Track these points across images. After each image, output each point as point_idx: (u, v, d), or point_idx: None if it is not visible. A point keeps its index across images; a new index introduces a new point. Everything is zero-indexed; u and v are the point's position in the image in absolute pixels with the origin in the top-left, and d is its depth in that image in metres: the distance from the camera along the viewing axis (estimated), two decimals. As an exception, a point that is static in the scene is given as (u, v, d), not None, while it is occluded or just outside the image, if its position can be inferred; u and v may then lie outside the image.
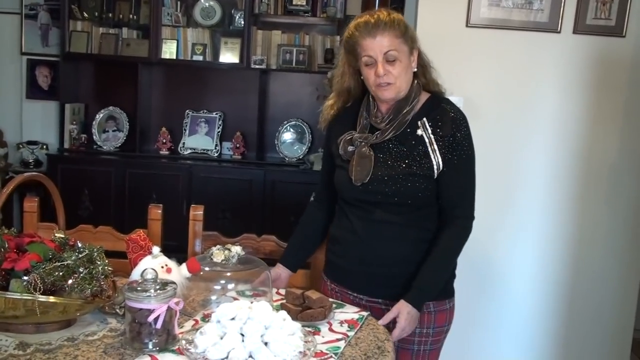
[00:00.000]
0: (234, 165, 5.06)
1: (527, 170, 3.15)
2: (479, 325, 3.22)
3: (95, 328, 1.69)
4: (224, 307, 1.63)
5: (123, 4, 5.16)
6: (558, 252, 3.20)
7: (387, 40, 1.88)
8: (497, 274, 3.22)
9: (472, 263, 3.14)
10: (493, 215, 3.15)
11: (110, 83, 5.26)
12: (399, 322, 1.87)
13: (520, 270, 3.21)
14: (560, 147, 3.14)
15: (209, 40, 5.05)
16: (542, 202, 3.17)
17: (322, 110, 2.14)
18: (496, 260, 3.21)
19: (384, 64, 1.89)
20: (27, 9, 5.28)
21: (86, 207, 4.91)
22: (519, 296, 3.22)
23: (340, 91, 2.09)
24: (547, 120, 3.13)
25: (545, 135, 3.14)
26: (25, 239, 1.71)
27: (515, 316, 3.23)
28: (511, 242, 3.19)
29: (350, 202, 2.02)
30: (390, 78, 1.90)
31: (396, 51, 1.89)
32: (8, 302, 1.56)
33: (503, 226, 3.18)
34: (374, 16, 1.91)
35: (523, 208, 3.18)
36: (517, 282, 3.21)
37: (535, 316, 3.23)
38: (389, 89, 1.92)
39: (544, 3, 3.04)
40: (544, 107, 3.12)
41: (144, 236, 1.84)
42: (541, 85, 3.11)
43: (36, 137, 5.32)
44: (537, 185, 3.16)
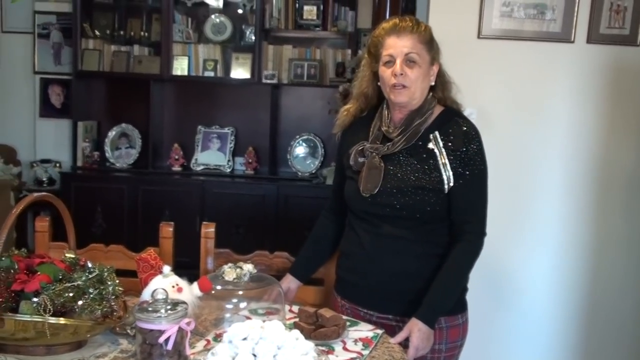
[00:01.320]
0: (246, 181, 5.05)
1: (542, 180, 3.12)
2: (495, 338, 3.18)
3: (106, 349, 1.67)
4: (235, 327, 1.60)
5: (134, 21, 5.18)
6: (575, 262, 3.16)
7: (410, 42, 1.89)
8: (514, 286, 3.18)
9: (488, 275, 3.11)
10: (508, 226, 3.11)
11: (123, 100, 5.28)
12: (412, 341, 1.84)
13: (537, 282, 3.17)
14: (575, 157, 3.11)
15: (220, 56, 5.06)
16: (558, 213, 3.13)
17: (339, 113, 2.13)
18: (512, 272, 3.17)
19: (402, 63, 1.89)
20: (39, 28, 5.33)
21: (99, 224, 4.91)
22: (537, 308, 3.18)
23: (358, 95, 2.08)
24: (561, 130, 3.10)
25: (560, 145, 3.11)
26: (35, 259, 1.70)
27: (533, 328, 3.19)
28: (527, 253, 3.16)
29: (359, 214, 2.00)
30: (406, 80, 1.89)
31: (417, 55, 1.89)
32: (18, 324, 1.54)
33: (519, 237, 3.15)
34: (403, 20, 1.93)
35: (539, 219, 3.15)
36: (534, 294, 3.17)
37: (553, 328, 3.19)
38: (403, 92, 1.91)
39: (556, 13, 3.02)
40: (558, 118, 3.09)
41: (155, 255, 1.82)
42: (555, 96, 3.08)
43: (49, 155, 5.34)
44: (552, 195, 3.13)
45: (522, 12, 3.02)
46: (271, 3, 4.96)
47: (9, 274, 1.62)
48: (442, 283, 1.89)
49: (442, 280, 1.89)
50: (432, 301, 1.88)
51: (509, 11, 3.02)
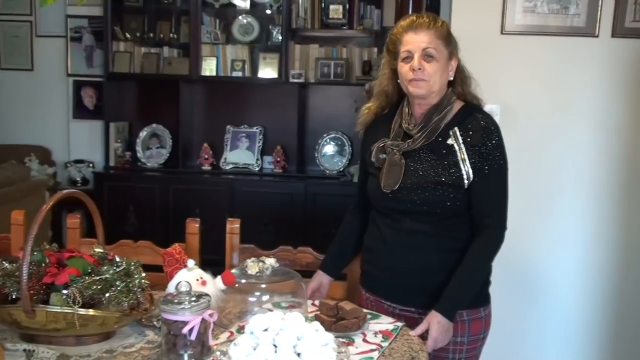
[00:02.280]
0: (275, 179, 5.11)
1: (568, 176, 3.11)
2: (521, 333, 3.18)
3: (133, 340, 1.73)
4: (257, 318, 1.64)
5: (164, 23, 5.28)
6: (603, 259, 3.14)
7: (428, 37, 1.91)
8: (540, 282, 3.17)
9: (514, 270, 3.12)
10: (534, 221, 3.11)
11: (153, 101, 5.38)
12: (430, 333, 1.87)
13: (563, 277, 3.16)
14: (601, 152, 3.09)
15: (248, 56, 5.12)
16: (584, 208, 3.12)
17: (360, 112, 2.17)
18: (539, 268, 3.17)
19: (420, 58, 1.91)
20: (72, 32, 5.47)
21: (132, 223, 5.02)
22: (563, 304, 3.17)
23: (378, 93, 2.11)
24: (586, 125, 3.08)
25: (585, 141, 3.09)
26: (65, 254, 1.77)
27: (559, 324, 3.18)
28: (554, 249, 3.15)
29: (381, 210, 2.03)
30: (424, 74, 1.91)
31: (435, 50, 1.91)
32: (49, 315, 1.60)
33: (545, 233, 3.14)
34: (420, 17, 1.96)
35: (565, 214, 3.13)
36: (560, 290, 3.16)
37: (580, 323, 3.17)
38: (421, 85, 1.93)
39: (580, 7, 3.00)
40: (584, 113, 3.07)
41: (180, 250, 1.88)
42: (579, 91, 3.07)
43: (83, 155, 5.47)
44: (578, 191, 3.11)
45: (546, 7, 3.01)
46: (298, 3, 5.01)
47: (40, 267, 1.69)
48: (461, 276, 1.91)
49: (461, 274, 1.91)
50: (451, 294, 1.90)
51: (532, 6, 3.02)
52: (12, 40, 5.71)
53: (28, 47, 5.67)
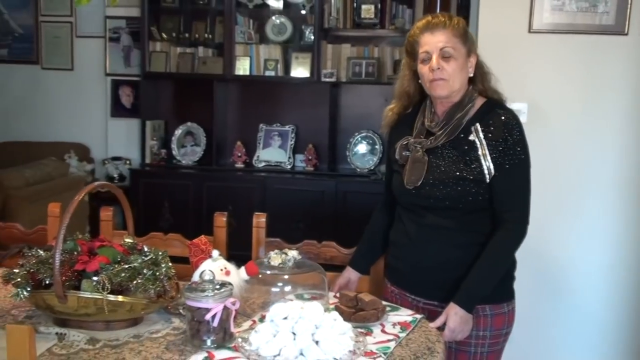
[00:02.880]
0: (306, 177, 5.17)
1: (596, 174, 3.10)
2: (546, 332, 3.18)
3: (159, 326, 1.80)
4: (277, 307, 1.71)
5: (199, 24, 5.38)
6: (630, 258, 3.12)
7: (444, 37, 1.94)
8: (566, 280, 3.17)
9: (540, 268, 3.13)
10: (560, 219, 3.12)
11: (188, 100, 5.49)
12: (448, 324, 1.90)
13: (590, 276, 3.16)
14: (630, 151, 3.08)
15: (281, 56, 5.19)
16: (612, 207, 3.11)
17: (384, 114, 2.21)
18: (565, 266, 3.17)
19: (439, 58, 1.94)
20: (110, 32, 5.62)
21: (167, 219, 5.13)
22: (589, 303, 3.17)
23: (400, 95, 2.14)
24: (615, 124, 3.08)
25: (613, 139, 3.08)
26: (97, 243, 1.85)
27: (585, 323, 3.18)
28: (580, 247, 3.15)
29: (405, 205, 2.08)
30: (443, 74, 1.94)
31: (452, 49, 1.94)
32: (80, 300, 1.68)
33: (571, 231, 3.15)
34: (435, 17, 1.99)
35: (592, 213, 3.13)
36: (586, 289, 3.16)
37: (606, 323, 3.17)
38: (442, 85, 1.96)
39: (609, 5, 3.00)
40: (612, 111, 3.07)
41: (205, 241, 1.95)
42: (608, 89, 3.06)
43: (120, 153, 5.62)
44: (606, 190, 3.11)
45: (574, 6, 3.01)
46: (330, 3, 5.06)
47: (73, 255, 1.77)
48: (480, 269, 1.94)
49: (480, 267, 1.94)
50: (470, 286, 1.93)
51: (560, 5, 3.02)
52: (54, 40, 5.90)
53: (68, 47, 5.85)
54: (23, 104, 5.94)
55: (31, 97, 5.93)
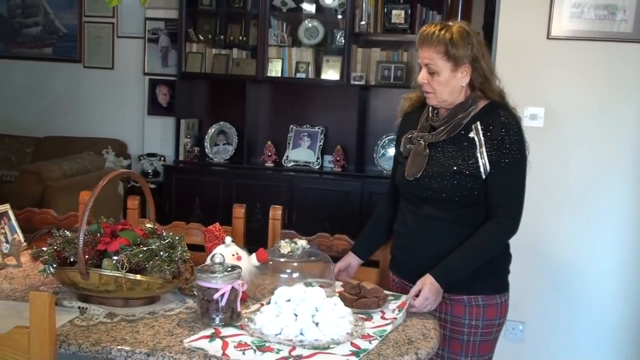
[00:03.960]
0: (333, 177, 5.28)
1: (610, 179, 3.16)
2: (555, 331, 3.23)
3: (174, 306, 1.94)
4: (281, 290, 1.83)
5: (234, 26, 5.54)
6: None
7: (427, 53, 2.04)
8: (583, 280, 3.23)
9: (556, 271, 3.18)
10: (574, 222, 3.18)
11: (222, 100, 5.66)
12: (423, 292, 2.00)
13: (606, 277, 3.21)
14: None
15: (312, 59, 5.32)
16: (627, 212, 3.16)
17: (401, 101, 2.32)
18: (577, 267, 3.22)
19: (425, 73, 2.06)
20: (149, 34, 5.83)
21: (197, 214, 5.29)
22: (598, 304, 3.22)
23: (416, 85, 2.23)
24: (631, 130, 3.12)
25: (630, 145, 3.13)
26: (119, 226, 1.99)
27: (596, 322, 3.23)
28: (593, 250, 3.20)
29: (405, 196, 2.19)
30: (428, 87, 2.07)
31: (435, 66, 2.03)
32: (101, 278, 1.83)
33: (584, 233, 3.20)
34: (430, 28, 2.06)
35: (608, 218, 3.18)
36: (596, 291, 3.21)
37: (616, 321, 3.21)
38: (431, 97, 2.09)
39: (627, 13, 3.05)
40: (628, 118, 3.11)
41: (219, 227, 2.08)
42: (625, 96, 3.11)
43: (155, 149, 5.82)
44: (620, 194, 3.16)
45: (592, 13, 3.07)
46: (361, 8, 5.16)
47: (96, 237, 1.92)
48: (462, 251, 2.04)
49: (463, 250, 2.04)
50: (448, 264, 2.03)
51: (578, 12, 3.08)
52: (96, 40, 6.14)
53: (109, 47, 6.08)
54: (65, 101, 6.19)
55: (73, 94, 6.18)
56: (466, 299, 2.09)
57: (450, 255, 2.04)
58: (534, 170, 2.13)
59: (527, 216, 2.09)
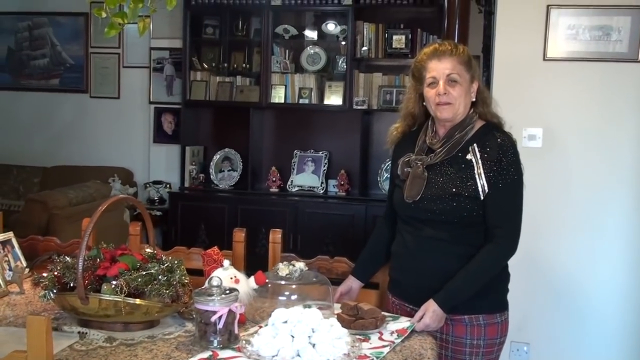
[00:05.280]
0: (338, 201, 5.30)
1: (608, 199, 3.17)
2: (562, 348, 3.22)
3: (173, 329, 1.95)
4: (279, 311, 1.84)
5: (237, 54, 5.62)
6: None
7: (450, 64, 2.08)
8: (582, 299, 3.21)
9: (558, 286, 3.18)
10: (574, 241, 3.19)
11: (226, 127, 5.71)
12: (424, 319, 2.02)
13: (605, 293, 3.21)
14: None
15: (315, 85, 5.37)
16: (625, 231, 3.16)
17: (389, 132, 2.35)
18: (581, 285, 3.22)
19: (445, 84, 2.08)
20: (154, 63, 5.91)
21: (203, 240, 5.31)
22: (604, 318, 3.21)
23: (405, 115, 2.29)
24: (628, 150, 3.14)
25: (627, 164, 3.14)
26: (118, 251, 2.02)
27: (602, 340, 3.22)
28: (596, 268, 3.20)
29: (404, 219, 2.20)
30: (450, 98, 2.08)
31: (458, 75, 2.08)
32: (101, 302, 1.85)
33: (587, 250, 3.20)
34: (442, 45, 2.13)
35: (606, 236, 3.18)
36: (601, 307, 3.21)
37: (622, 338, 3.20)
38: (448, 109, 2.10)
39: (622, 34, 3.08)
40: (625, 137, 3.13)
41: (217, 251, 2.10)
42: (622, 115, 3.13)
43: (161, 177, 5.87)
44: (619, 213, 3.16)
45: (588, 34, 3.11)
46: (362, 34, 5.23)
47: (96, 262, 1.95)
48: (464, 275, 2.05)
49: (464, 273, 2.05)
50: (451, 289, 2.05)
51: (574, 34, 3.12)
52: (102, 70, 6.23)
53: (116, 77, 6.18)
54: (72, 130, 6.27)
55: (80, 123, 6.26)
56: (467, 319, 2.10)
57: (452, 280, 2.05)
58: (533, 189, 2.16)
59: (529, 236, 2.11)
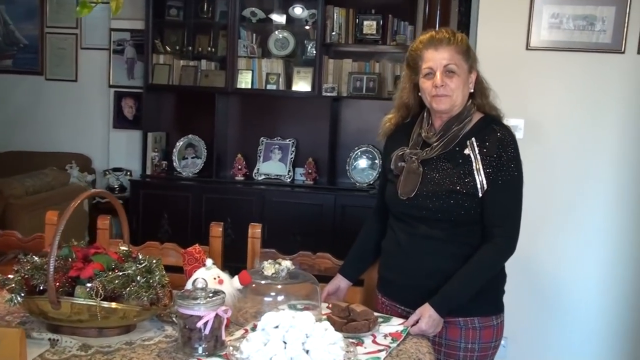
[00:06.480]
0: (305, 190, 5.19)
1: (592, 190, 3.13)
2: (541, 345, 3.18)
3: (152, 334, 1.81)
4: (268, 316, 1.72)
5: (202, 37, 5.43)
6: (626, 270, 3.14)
7: (448, 54, 1.96)
8: (563, 292, 3.18)
9: (536, 282, 3.14)
10: (557, 234, 3.14)
11: (190, 112, 5.53)
12: (419, 324, 1.92)
13: (587, 289, 3.18)
14: (626, 167, 3.10)
15: (283, 70, 5.23)
16: (608, 222, 3.13)
17: (382, 123, 2.23)
18: (562, 279, 3.18)
19: (442, 75, 1.96)
20: (114, 45, 5.67)
21: (165, 230, 5.14)
22: (583, 315, 3.18)
23: (399, 106, 2.16)
24: (611, 141, 3.10)
25: (610, 155, 3.10)
26: (91, 250, 1.87)
27: (579, 336, 3.19)
28: (577, 261, 3.17)
29: (397, 216, 2.09)
30: (447, 90, 1.97)
31: (455, 65, 1.96)
32: (74, 307, 1.70)
33: (568, 245, 3.16)
34: (439, 32, 2.01)
35: (589, 228, 3.15)
36: (584, 301, 3.18)
37: (602, 334, 3.18)
38: (444, 101, 1.99)
39: (606, 24, 3.03)
40: (608, 128, 3.09)
41: (199, 249, 1.96)
42: (605, 107, 3.09)
43: (121, 164, 5.66)
44: (602, 205, 3.13)
45: (572, 24, 3.04)
46: (332, 18, 5.10)
47: (67, 262, 1.79)
48: (461, 277, 1.95)
49: (462, 275, 1.95)
50: (448, 292, 1.95)
51: (557, 23, 3.05)
52: (58, 52, 5.96)
53: (73, 59, 5.91)
54: (26, 114, 5.99)
55: (35, 107, 5.98)
56: (462, 322, 2.00)
57: (449, 282, 1.95)
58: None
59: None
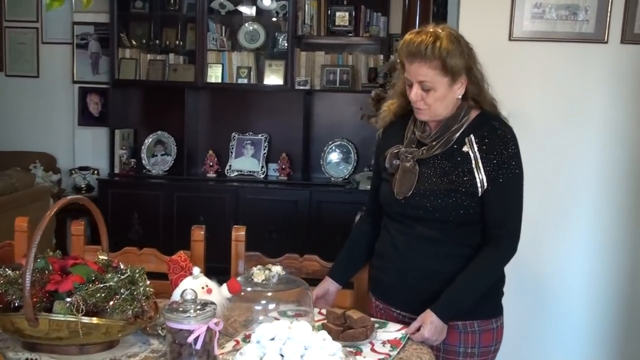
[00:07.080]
0: (279, 187, 5.09)
1: (578, 183, 3.08)
2: (532, 343, 3.14)
3: (137, 349, 1.70)
4: (263, 327, 1.62)
5: (169, 30, 5.28)
6: (613, 266, 3.11)
7: (423, 70, 1.84)
8: (551, 290, 3.14)
9: (525, 279, 3.08)
10: (544, 229, 3.08)
11: (158, 108, 5.38)
12: (422, 332, 1.84)
13: (574, 286, 3.13)
14: (611, 158, 3.06)
15: (254, 63, 5.12)
16: (594, 215, 3.09)
17: (382, 109, 2.12)
18: (549, 276, 3.14)
19: (418, 90, 1.87)
20: (78, 39, 5.48)
21: (136, 230, 5.00)
22: (574, 312, 3.14)
23: (398, 94, 2.05)
24: (595, 132, 3.06)
25: (595, 147, 3.06)
26: (69, 261, 1.74)
27: (570, 333, 3.15)
28: (564, 257, 3.12)
29: (393, 216, 2.00)
30: (422, 105, 1.88)
31: (430, 82, 1.85)
32: (52, 323, 1.58)
33: (554, 240, 3.11)
34: (419, 38, 1.85)
35: (575, 222, 3.10)
36: (571, 298, 3.13)
37: (591, 332, 3.15)
38: (423, 113, 1.91)
39: (589, 14, 2.98)
40: (593, 119, 3.05)
41: (185, 257, 1.85)
42: (589, 97, 3.04)
43: (88, 162, 5.47)
44: (589, 198, 3.08)
45: (554, 13, 2.99)
46: (304, 10, 5.00)
47: (44, 274, 1.66)
48: (464, 282, 1.88)
49: (464, 279, 1.88)
50: (450, 297, 1.87)
51: (540, 12, 2.99)
52: (18, 47, 5.73)
53: (34, 53, 5.69)
54: (-15, 113, 5.76)
55: (-6, 105, 5.75)
56: (461, 325, 1.92)
57: (450, 287, 1.87)
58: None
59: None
